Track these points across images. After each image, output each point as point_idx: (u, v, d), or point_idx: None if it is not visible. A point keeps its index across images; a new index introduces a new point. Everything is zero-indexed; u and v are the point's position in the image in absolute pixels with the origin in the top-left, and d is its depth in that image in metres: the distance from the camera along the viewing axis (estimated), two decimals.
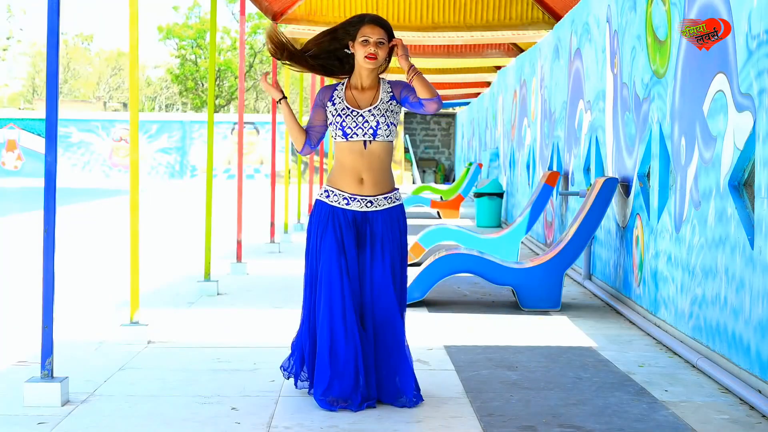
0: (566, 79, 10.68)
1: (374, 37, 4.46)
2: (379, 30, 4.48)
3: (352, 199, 4.53)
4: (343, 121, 4.51)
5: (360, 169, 4.52)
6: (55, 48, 4.54)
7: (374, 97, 4.55)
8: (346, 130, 4.51)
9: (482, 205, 15.39)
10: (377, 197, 4.54)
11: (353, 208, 4.52)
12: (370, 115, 4.51)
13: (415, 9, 12.20)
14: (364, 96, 4.56)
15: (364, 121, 4.50)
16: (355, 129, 4.50)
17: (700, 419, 4.45)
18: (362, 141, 4.50)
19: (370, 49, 4.46)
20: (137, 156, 6.11)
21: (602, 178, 7.60)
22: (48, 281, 4.55)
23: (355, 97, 4.56)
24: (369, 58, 4.46)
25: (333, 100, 4.57)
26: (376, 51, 4.47)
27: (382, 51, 4.50)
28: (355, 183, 4.53)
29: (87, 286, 8.73)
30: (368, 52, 4.46)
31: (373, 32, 4.47)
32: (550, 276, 7.42)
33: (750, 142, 4.87)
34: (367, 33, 4.47)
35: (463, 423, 4.31)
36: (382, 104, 4.54)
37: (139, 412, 4.47)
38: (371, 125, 4.50)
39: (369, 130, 4.50)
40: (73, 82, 62.85)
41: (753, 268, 4.76)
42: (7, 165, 37.92)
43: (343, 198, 4.53)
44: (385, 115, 4.52)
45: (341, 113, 4.53)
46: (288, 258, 10.87)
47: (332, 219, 4.52)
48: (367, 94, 4.56)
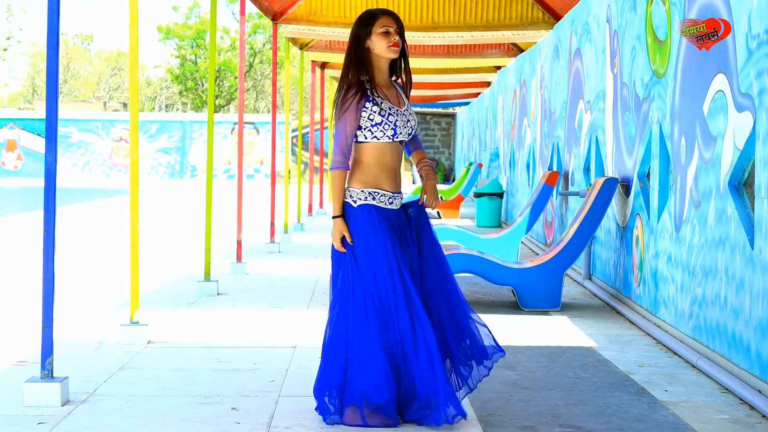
0: (566, 79, 10.68)
1: (393, 26, 4.39)
2: (395, 21, 4.42)
3: (394, 197, 4.42)
4: (396, 120, 4.37)
5: (396, 167, 4.45)
6: (55, 48, 4.54)
7: (398, 94, 4.49)
8: (397, 130, 4.38)
9: (482, 205, 15.39)
10: (401, 194, 4.49)
11: (394, 208, 4.42)
12: (410, 114, 4.46)
13: (415, 9, 12.20)
14: (391, 93, 4.46)
15: (406, 120, 4.43)
16: (402, 128, 4.40)
17: (700, 419, 4.45)
18: (401, 140, 4.44)
19: (393, 38, 4.37)
20: (137, 156, 6.11)
21: (602, 178, 7.60)
22: (48, 281, 4.55)
23: (387, 95, 4.44)
24: (395, 47, 4.37)
25: (372, 99, 4.37)
26: (398, 41, 4.40)
27: (400, 41, 4.42)
28: (395, 182, 4.42)
29: (87, 286, 8.73)
30: (393, 41, 4.37)
31: (391, 23, 4.40)
32: (550, 276, 7.42)
33: (750, 142, 4.87)
34: (386, 23, 4.39)
35: (463, 423, 4.30)
36: (409, 106, 4.50)
37: (139, 412, 4.47)
38: (412, 125, 4.45)
39: (410, 129, 4.45)
40: (73, 82, 62.84)
41: (753, 268, 4.76)
42: (7, 165, 37.92)
43: (388, 198, 4.40)
44: (413, 116, 4.49)
45: (390, 112, 4.38)
46: (288, 258, 10.86)
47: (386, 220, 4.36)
48: (392, 92, 4.47)
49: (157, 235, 14.16)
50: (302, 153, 25.19)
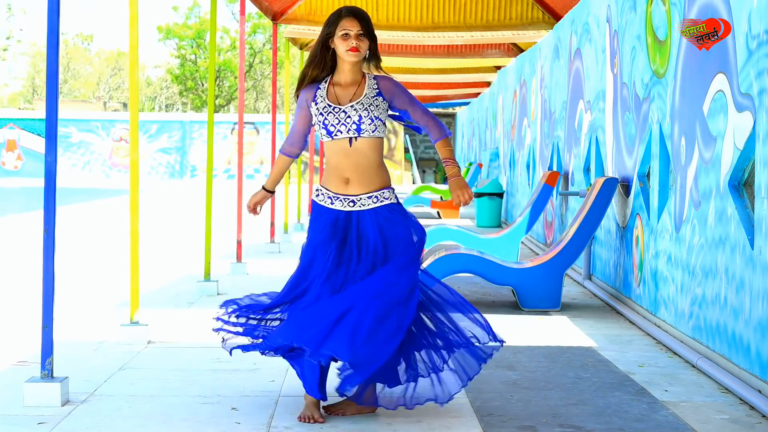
0: (566, 79, 10.68)
1: (354, 29, 4.32)
2: (358, 23, 4.34)
3: (335, 198, 4.38)
4: (326, 119, 4.35)
5: (345, 168, 4.36)
6: (55, 48, 4.54)
7: (356, 92, 4.39)
8: (329, 128, 4.35)
9: (482, 205, 15.39)
10: (361, 196, 4.36)
11: (336, 208, 4.38)
12: (353, 110, 4.34)
13: (415, 9, 12.20)
14: (346, 92, 4.39)
15: (346, 117, 4.34)
16: (338, 126, 4.34)
17: (700, 419, 4.45)
18: (347, 138, 4.34)
19: (351, 42, 4.32)
20: (137, 156, 6.11)
21: (602, 178, 7.60)
22: (48, 281, 4.55)
23: (336, 93, 4.40)
24: (351, 51, 4.32)
25: (316, 99, 4.41)
26: (358, 44, 4.33)
27: (364, 43, 4.35)
28: (341, 183, 4.37)
29: (87, 286, 8.73)
30: (350, 45, 4.32)
31: (353, 25, 4.33)
32: (550, 276, 7.42)
33: (750, 142, 4.87)
34: (346, 26, 4.33)
35: (463, 423, 4.31)
36: (366, 99, 4.36)
37: (139, 412, 4.47)
38: (354, 121, 4.33)
39: (352, 125, 4.33)
40: (73, 82, 62.85)
41: (753, 268, 4.76)
42: (7, 165, 37.92)
43: (327, 197, 4.40)
44: (368, 109, 4.34)
45: (323, 111, 4.36)
46: (288, 258, 10.86)
47: (320, 218, 4.41)
48: (349, 90, 4.40)
49: (157, 235, 14.16)
50: (302, 153, 25.22)
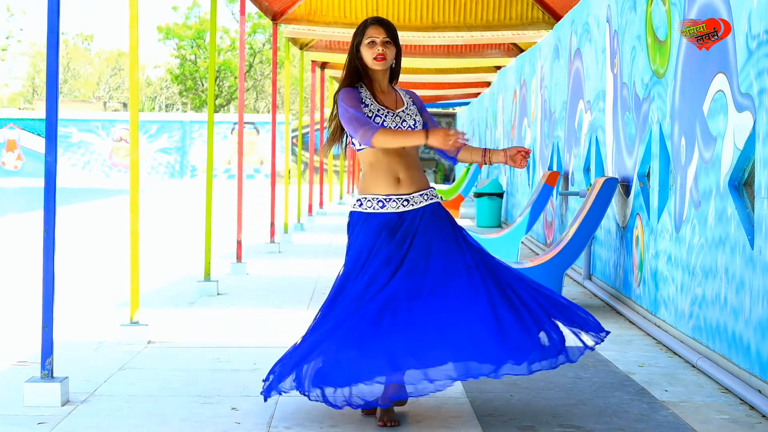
0: (566, 79, 10.68)
1: (380, 36, 4.38)
2: (383, 30, 4.41)
3: (388, 200, 4.37)
4: (384, 120, 4.38)
5: (398, 168, 4.39)
6: (55, 48, 4.54)
7: (398, 100, 4.48)
8: None
9: (482, 205, 15.39)
10: (413, 195, 4.39)
11: (388, 211, 4.36)
12: (406, 115, 4.43)
13: (415, 9, 12.20)
14: (388, 99, 4.46)
15: (401, 120, 4.41)
16: (395, 128, 4.39)
17: (700, 419, 4.45)
18: None
19: (378, 50, 4.37)
20: (137, 156, 6.11)
21: (602, 178, 7.60)
22: (48, 281, 4.55)
23: (381, 99, 4.45)
24: (377, 59, 4.37)
25: (363, 101, 4.41)
26: (384, 51, 4.38)
27: (390, 51, 4.41)
28: (393, 183, 4.38)
29: (87, 286, 8.73)
30: (376, 53, 4.37)
31: (378, 32, 4.39)
32: (550, 276, 7.41)
33: (750, 142, 4.87)
34: (372, 34, 4.39)
35: (463, 423, 4.31)
36: (410, 107, 4.47)
37: (139, 412, 4.47)
38: (409, 124, 4.41)
39: (408, 128, 4.40)
40: (73, 82, 62.85)
41: (753, 268, 4.76)
42: (7, 165, 37.94)
43: (377, 201, 4.37)
44: (415, 117, 4.44)
45: (379, 114, 4.39)
46: (288, 258, 10.87)
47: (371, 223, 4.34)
48: (389, 97, 4.47)
49: (157, 235, 14.17)
50: (302, 153, 25.19)
